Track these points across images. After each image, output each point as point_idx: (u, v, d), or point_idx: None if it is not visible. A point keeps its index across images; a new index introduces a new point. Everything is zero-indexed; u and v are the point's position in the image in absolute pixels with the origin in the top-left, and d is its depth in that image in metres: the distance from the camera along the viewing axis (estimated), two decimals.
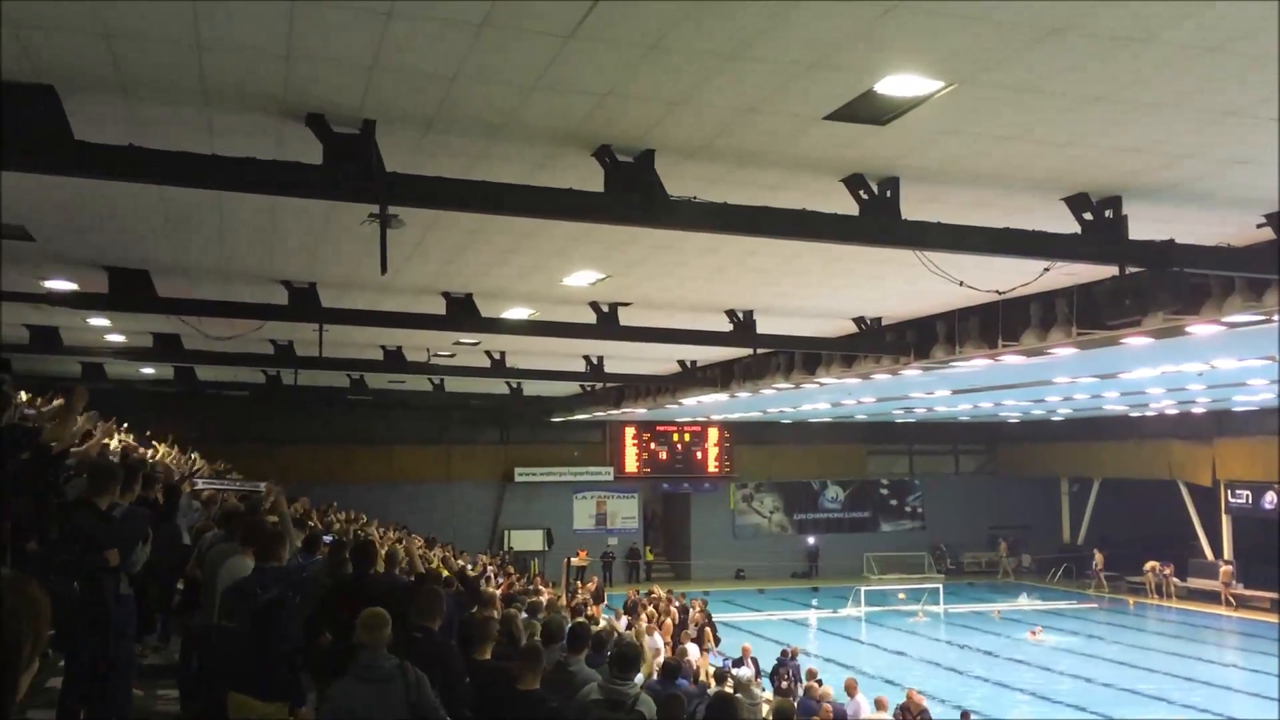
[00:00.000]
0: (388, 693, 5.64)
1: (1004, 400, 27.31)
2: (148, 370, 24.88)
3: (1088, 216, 8.18)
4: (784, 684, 19.04)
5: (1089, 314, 11.38)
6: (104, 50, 5.65)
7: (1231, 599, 34.48)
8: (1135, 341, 11.41)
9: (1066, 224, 8.25)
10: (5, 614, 1.89)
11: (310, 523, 14.85)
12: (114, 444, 15.73)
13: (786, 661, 19.79)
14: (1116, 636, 30.38)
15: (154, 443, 18.36)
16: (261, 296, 13.22)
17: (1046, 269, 9.58)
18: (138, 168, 6.45)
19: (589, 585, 26.66)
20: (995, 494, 44.84)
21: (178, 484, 11.25)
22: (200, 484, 16.43)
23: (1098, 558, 39.20)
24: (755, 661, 19.85)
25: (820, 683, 16.41)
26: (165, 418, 31.48)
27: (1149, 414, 33.73)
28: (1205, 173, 7.57)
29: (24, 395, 13.94)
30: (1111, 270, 8.79)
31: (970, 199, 8.28)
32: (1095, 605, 36.11)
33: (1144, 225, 8.21)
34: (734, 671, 17.64)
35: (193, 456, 18.04)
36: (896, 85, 5.98)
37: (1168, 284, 8.21)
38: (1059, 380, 21.45)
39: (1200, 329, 10.66)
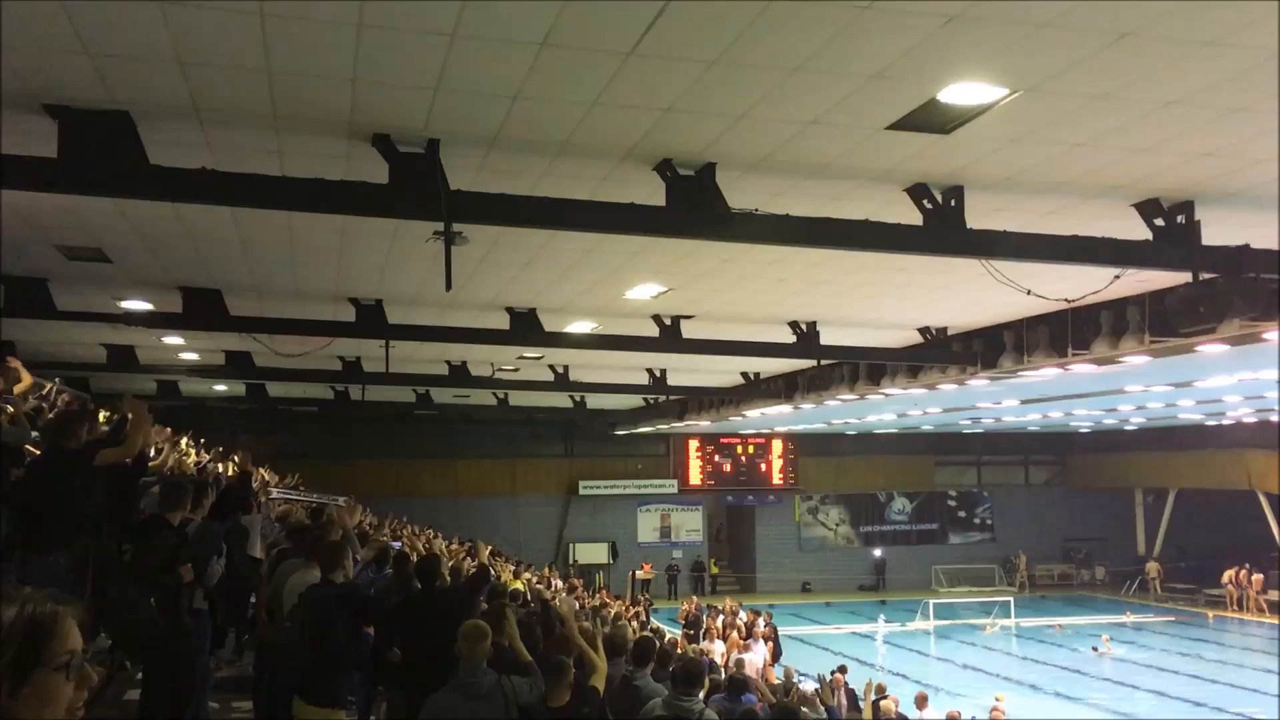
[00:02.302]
0: (488, 708, 5.54)
1: (1075, 410, 26.74)
2: (220, 387, 25.38)
3: (1159, 223, 8.02)
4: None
5: (1162, 321, 11.15)
6: (178, 78, 5.79)
7: None
8: (1211, 349, 11.12)
9: (1137, 230, 8.09)
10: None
11: (385, 535, 15.04)
12: (191, 458, 16.08)
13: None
14: (1191, 649, 29.58)
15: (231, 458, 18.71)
16: (330, 314, 13.44)
17: (1117, 276, 9.40)
18: (211, 190, 6.61)
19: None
20: (1067, 505, 43.91)
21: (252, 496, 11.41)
22: (276, 493, 16.71)
23: (1149, 568, 39.31)
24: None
25: (886, 696, 16.16)
26: (238, 434, 32.22)
27: (1226, 422, 32.83)
28: None
29: (102, 415, 14.27)
30: (1184, 276, 8.60)
31: (1037, 206, 8.16)
32: (1155, 618, 35.24)
33: (1217, 230, 8.02)
34: (800, 685, 17.41)
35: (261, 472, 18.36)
36: (960, 94, 5.92)
37: (1243, 290, 8.02)
38: (1131, 389, 20.96)
39: (1278, 336, 10.36)
